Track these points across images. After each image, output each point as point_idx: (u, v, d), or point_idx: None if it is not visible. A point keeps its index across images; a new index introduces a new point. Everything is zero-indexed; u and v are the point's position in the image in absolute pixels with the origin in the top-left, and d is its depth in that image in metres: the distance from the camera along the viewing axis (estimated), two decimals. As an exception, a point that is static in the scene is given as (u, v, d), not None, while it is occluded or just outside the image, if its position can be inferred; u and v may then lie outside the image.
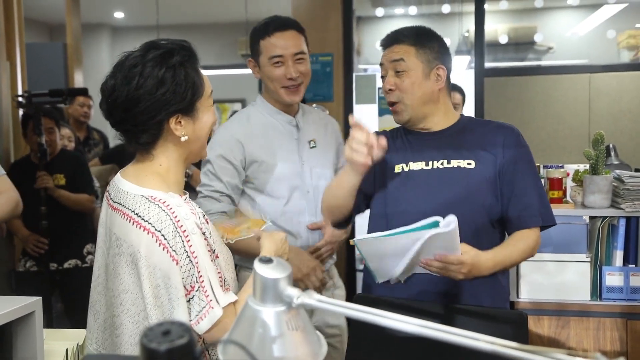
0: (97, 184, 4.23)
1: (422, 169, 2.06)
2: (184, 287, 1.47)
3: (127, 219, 1.52)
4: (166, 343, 0.70)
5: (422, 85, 2.07)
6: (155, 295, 1.48)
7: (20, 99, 3.65)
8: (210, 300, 1.46)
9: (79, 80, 6.98)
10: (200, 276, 1.46)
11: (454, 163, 2.05)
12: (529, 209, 2.02)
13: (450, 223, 1.71)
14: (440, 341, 0.91)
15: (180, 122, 1.55)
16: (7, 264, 3.94)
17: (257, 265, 1.03)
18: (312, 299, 1.00)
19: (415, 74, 2.06)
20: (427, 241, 1.74)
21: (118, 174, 1.65)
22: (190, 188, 2.46)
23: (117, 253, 1.55)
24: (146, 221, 1.49)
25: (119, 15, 10.10)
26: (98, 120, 4.40)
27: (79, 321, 3.76)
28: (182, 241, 1.47)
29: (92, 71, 9.83)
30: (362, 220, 2.29)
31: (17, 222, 3.75)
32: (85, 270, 3.90)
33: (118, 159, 4.53)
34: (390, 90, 2.10)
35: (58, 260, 3.84)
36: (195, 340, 0.72)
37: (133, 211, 1.52)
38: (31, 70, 4.39)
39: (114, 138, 5.06)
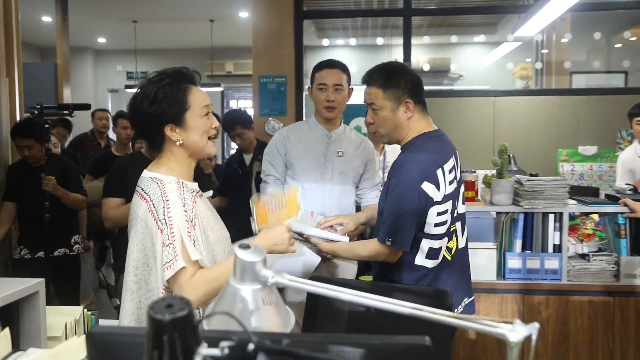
0: None
1: None
2: (162, 241, 1.52)
3: (138, 195, 1.64)
4: (169, 314, 0.70)
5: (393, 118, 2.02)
6: (143, 250, 1.58)
7: (35, 111, 3.50)
8: (177, 255, 1.50)
9: (67, 95, 6.77)
10: (173, 236, 1.51)
11: None
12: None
13: None
14: (383, 312, 0.92)
15: (175, 130, 1.62)
16: (4, 252, 3.78)
17: (238, 251, 1.02)
18: (284, 278, 1.01)
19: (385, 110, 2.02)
20: None
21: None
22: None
23: (131, 219, 1.66)
24: (147, 194, 1.60)
25: (101, 40, 9.86)
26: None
27: (67, 301, 3.65)
28: (164, 207, 1.55)
29: (78, 88, 9.58)
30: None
31: None
32: (72, 258, 3.78)
33: (103, 169, 4.26)
34: (370, 123, 2.08)
35: (50, 249, 3.65)
36: (193, 311, 0.71)
37: (142, 189, 1.63)
38: (26, 86, 4.21)
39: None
